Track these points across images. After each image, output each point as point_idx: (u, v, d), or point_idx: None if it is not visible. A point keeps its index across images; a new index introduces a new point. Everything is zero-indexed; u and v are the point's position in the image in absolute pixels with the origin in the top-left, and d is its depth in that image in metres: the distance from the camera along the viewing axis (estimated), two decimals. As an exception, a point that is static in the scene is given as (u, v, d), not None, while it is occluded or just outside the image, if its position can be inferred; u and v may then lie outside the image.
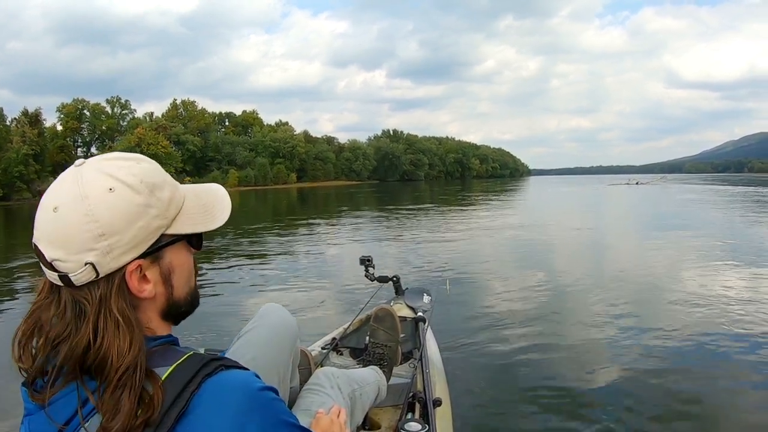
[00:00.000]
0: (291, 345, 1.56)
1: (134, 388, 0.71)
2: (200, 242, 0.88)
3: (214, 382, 0.73)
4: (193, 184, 0.92)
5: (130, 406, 0.70)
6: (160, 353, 0.78)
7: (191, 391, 0.71)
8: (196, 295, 0.89)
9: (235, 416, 0.71)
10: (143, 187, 0.77)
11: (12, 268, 9.67)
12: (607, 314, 5.27)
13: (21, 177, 55.56)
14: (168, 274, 0.82)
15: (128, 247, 0.76)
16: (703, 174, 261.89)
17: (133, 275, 0.77)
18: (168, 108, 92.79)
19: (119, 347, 0.72)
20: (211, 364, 0.75)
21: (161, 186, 0.80)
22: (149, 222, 0.77)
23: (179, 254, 0.84)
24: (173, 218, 0.81)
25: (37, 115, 63.26)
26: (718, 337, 4.52)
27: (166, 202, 0.80)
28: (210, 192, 0.91)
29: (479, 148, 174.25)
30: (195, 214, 0.85)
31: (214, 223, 0.86)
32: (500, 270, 8.11)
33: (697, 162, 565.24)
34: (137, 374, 0.72)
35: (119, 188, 0.75)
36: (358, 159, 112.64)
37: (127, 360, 0.72)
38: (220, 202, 0.90)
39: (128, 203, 0.76)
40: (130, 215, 0.75)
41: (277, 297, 6.47)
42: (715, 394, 3.49)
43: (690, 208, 21.50)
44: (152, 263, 0.80)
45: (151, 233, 0.78)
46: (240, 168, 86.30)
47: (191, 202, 0.86)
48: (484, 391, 3.43)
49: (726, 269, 7.66)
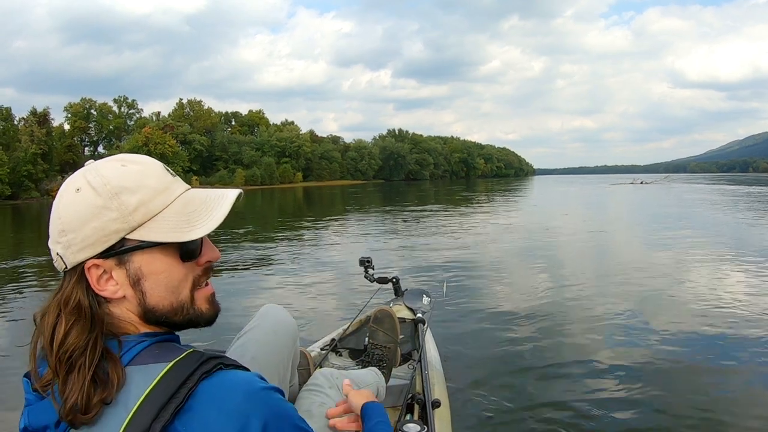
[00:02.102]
0: (290, 345, 1.57)
1: (83, 369, 0.73)
2: (189, 254, 0.84)
3: (213, 380, 0.74)
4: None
5: (80, 385, 0.72)
6: (161, 349, 0.79)
7: (189, 388, 0.72)
8: (190, 307, 0.86)
9: (236, 415, 0.72)
10: (105, 190, 0.78)
11: (20, 265, 9.76)
12: (610, 315, 5.24)
13: (29, 176, 55.89)
14: (136, 279, 0.81)
15: (83, 245, 0.78)
16: (707, 174, 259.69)
17: (91, 272, 0.79)
18: (174, 107, 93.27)
19: (66, 331, 0.76)
20: (210, 362, 0.76)
21: (133, 190, 0.80)
22: (105, 224, 0.78)
23: (153, 261, 0.81)
24: (140, 224, 0.80)
25: (46, 114, 63.61)
26: (724, 337, 4.52)
27: (130, 207, 0.79)
28: (208, 199, 0.87)
29: (484, 148, 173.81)
30: (168, 223, 0.81)
31: (187, 236, 0.81)
32: (501, 271, 8.08)
33: (702, 162, 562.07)
34: (86, 357, 0.74)
35: (84, 189, 0.79)
36: (363, 158, 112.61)
37: (68, 343, 0.75)
38: (211, 212, 0.84)
39: (86, 204, 0.78)
40: (85, 215, 0.78)
41: (277, 297, 6.48)
42: (722, 394, 3.48)
43: (694, 207, 21.34)
44: (117, 265, 0.80)
45: (107, 235, 0.78)
46: (246, 167, 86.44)
47: (176, 208, 0.83)
48: (483, 393, 3.42)
49: (733, 269, 7.62)
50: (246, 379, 0.77)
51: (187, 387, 0.72)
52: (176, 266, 0.83)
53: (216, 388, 0.73)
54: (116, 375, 0.73)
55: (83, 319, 0.77)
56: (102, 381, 0.73)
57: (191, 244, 0.84)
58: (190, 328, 0.88)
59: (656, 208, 22.78)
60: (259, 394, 0.75)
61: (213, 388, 0.73)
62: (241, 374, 0.77)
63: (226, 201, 0.86)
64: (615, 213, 21.26)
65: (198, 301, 0.87)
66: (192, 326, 0.88)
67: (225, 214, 0.84)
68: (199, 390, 0.73)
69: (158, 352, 0.78)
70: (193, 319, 0.87)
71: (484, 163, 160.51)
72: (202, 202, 0.86)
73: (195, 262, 0.86)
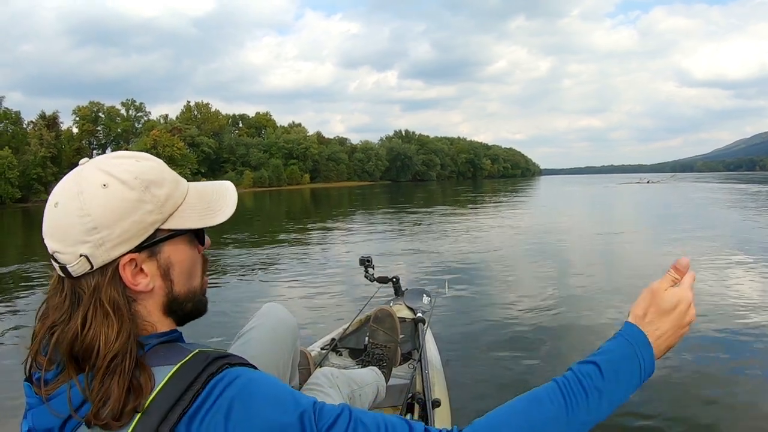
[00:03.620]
0: (291, 345, 1.57)
1: (123, 375, 0.72)
2: (203, 238, 0.89)
3: (220, 382, 0.73)
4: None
5: (119, 392, 0.71)
6: (165, 350, 0.79)
7: (196, 391, 0.72)
8: (200, 296, 0.90)
9: (242, 420, 0.71)
10: (137, 183, 0.79)
11: (31, 268, 9.85)
12: (614, 316, 5.21)
13: (39, 179, 56.36)
14: (167, 269, 0.83)
15: (119, 241, 0.77)
16: (714, 173, 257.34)
17: (126, 268, 0.78)
18: (182, 110, 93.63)
19: (107, 335, 0.74)
20: (216, 363, 0.76)
21: (159, 183, 0.82)
22: (143, 217, 0.79)
23: (179, 250, 0.84)
24: (170, 214, 0.82)
25: (55, 118, 64.25)
26: (732, 337, 4.51)
27: (162, 198, 0.81)
28: (215, 189, 0.91)
29: (490, 148, 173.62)
30: (195, 210, 0.85)
31: (214, 220, 0.86)
32: (504, 271, 8.06)
33: (709, 161, 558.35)
34: (126, 362, 0.73)
35: (113, 184, 0.78)
36: (370, 159, 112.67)
37: (115, 348, 0.74)
38: (224, 199, 0.90)
39: (120, 198, 0.77)
40: (122, 210, 0.77)
41: (278, 296, 6.51)
42: (731, 395, 3.47)
43: (701, 206, 21.21)
44: (149, 257, 0.81)
45: (145, 228, 0.79)
46: (254, 169, 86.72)
47: (193, 198, 0.87)
48: (483, 392, 3.44)
49: (741, 269, 7.57)
50: (251, 379, 0.76)
51: (194, 389, 0.72)
52: (194, 253, 0.88)
53: (223, 389, 0.73)
54: (148, 381, 0.73)
55: (122, 320, 0.76)
56: (135, 388, 0.72)
57: (203, 231, 0.88)
58: (192, 319, 0.90)
59: (666, 208, 22.63)
60: (264, 390, 0.75)
61: (219, 391, 0.72)
62: (246, 374, 0.76)
63: (231, 189, 0.92)
64: (625, 213, 21.12)
65: (203, 290, 0.91)
66: (194, 316, 0.90)
67: (236, 201, 0.90)
68: (205, 392, 0.72)
69: (163, 353, 0.78)
70: (197, 307, 0.89)
71: (491, 164, 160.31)
72: (212, 191, 0.90)
73: (200, 249, 0.90)
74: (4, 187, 52.46)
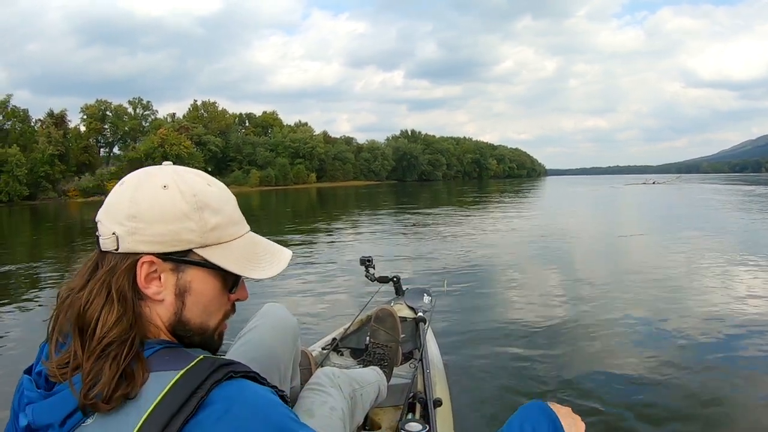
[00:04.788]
0: (292, 345, 1.58)
1: (117, 361, 0.73)
2: (235, 286, 0.89)
3: (223, 391, 0.73)
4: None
5: (110, 376, 0.71)
6: (170, 355, 0.79)
7: (200, 397, 0.71)
8: (212, 336, 0.89)
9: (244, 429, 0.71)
10: (193, 200, 0.81)
11: (38, 266, 9.92)
12: (618, 317, 5.20)
13: (47, 177, 56.68)
14: (183, 291, 0.83)
15: (150, 239, 0.79)
16: (720, 174, 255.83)
17: (143, 266, 0.79)
18: (189, 109, 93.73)
19: (105, 318, 0.75)
20: (221, 370, 0.75)
21: (214, 210, 0.83)
22: (181, 230, 0.80)
23: (205, 281, 0.84)
24: (210, 243, 0.83)
25: (63, 116, 64.58)
26: (741, 339, 4.49)
27: (209, 225, 0.82)
28: (271, 248, 0.92)
29: (496, 148, 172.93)
30: (238, 255, 0.85)
31: (253, 273, 0.86)
32: (507, 271, 8.03)
33: (714, 162, 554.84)
34: (124, 350, 0.74)
35: (172, 189, 0.81)
36: (376, 159, 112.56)
37: (112, 334, 0.74)
38: (273, 260, 0.90)
39: (171, 204, 0.80)
40: (166, 214, 0.79)
41: (278, 296, 6.52)
42: (740, 397, 3.45)
43: (706, 207, 21.08)
44: (171, 270, 0.81)
45: (179, 241, 0.80)
46: (261, 168, 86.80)
47: (244, 243, 0.87)
48: (484, 392, 3.44)
49: (749, 271, 7.53)
50: (257, 393, 0.76)
51: (198, 396, 0.71)
52: (220, 295, 0.87)
53: (227, 399, 0.72)
54: (141, 373, 0.73)
55: (128, 311, 0.77)
56: (128, 376, 0.72)
57: (238, 279, 0.89)
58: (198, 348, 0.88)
59: (669, 209, 22.52)
60: (265, 411, 0.74)
61: (223, 400, 0.72)
62: (250, 388, 0.76)
63: (285, 255, 0.93)
64: (630, 214, 21.02)
65: (218, 332, 0.90)
66: (200, 348, 0.88)
67: (284, 268, 0.90)
68: (209, 400, 0.72)
69: (168, 358, 0.78)
70: (205, 345, 0.88)
71: (497, 164, 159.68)
72: (267, 247, 0.91)
73: (231, 296, 0.89)
74: (12, 185, 52.75)
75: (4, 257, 12.00)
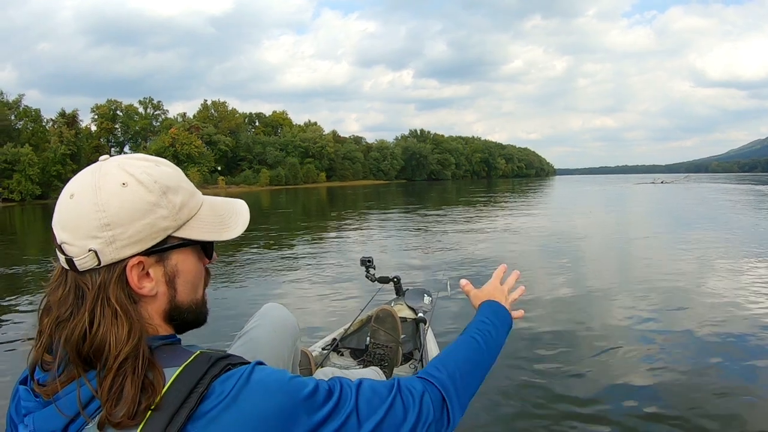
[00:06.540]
0: (291, 344, 1.59)
1: (136, 375, 0.72)
2: (211, 252, 0.90)
3: (227, 381, 0.74)
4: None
5: (134, 392, 0.70)
6: (167, 352, 0.78)
7: (200, 392, 0.72)
8: (202, 308, 0.90)
9: (247, 412, 0.72)
10: (156, 187, 0.80)
11: (49, 266, 10.01)
12: (621, 318, 5.19)
13: (58, 176, 56.99)
14: (172, 277, 0.83)
15: (131, 241, 0.77)
16: (730, 174, 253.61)
17: (133, 270, 0.78)
18: (199, 108, 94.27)
19: (117, 335, 0.74)
20: (219, 364, 0.76)
21: (175, 190, 0.82)
22: (156, 221, 0.79)
23: (187, 260, 0.85)
24: (184, 222, 0.83)
25: (74, 116, 65.09)
26: (744, 338, 4.47)
27: (177, 206, 0.82)
28: (229, 205, 0.93)
29: (505, 148, 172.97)
30: (208, 223, 0.86)
31: (226, 235, 0.87)
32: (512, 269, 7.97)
33: (724, 161, 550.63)
34: (139, 362, 0.73)
35: (132, 184, 0.78)
36: (385, 159, 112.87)
37: (127, 348, 0.73)
38: (236, 216, 0.91)
39: (138, 199, 0.78)
40: (138, 211, 0.77)
41: (279, 296, 6.53)
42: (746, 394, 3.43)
43: (713, 207, 20.89)
44: (157, 262, 0.81)
45: (157, 232, 0.79)
46: (271, 167, 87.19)
47: (207, 211, 0.88)
48: (484, 392, 3.40)
49: (757, 270, 7.46)
50: (254, 373, 0.76)
51: (199, 391, 0.72)
52: (200, 265, 0.88)
53: (231, 389, 0.73)
54: (160, 380, 0.73)
55: (132, 321, 0.76)
56: (147, 386, 0.72)
57: (211, 245, 0.89)
58: (190, 329, 0.89)
59: (676, 209, 22.36)
60: (278, 385, 0.76)
61: (227, 390, 0.73)
62: (248, 370, 0.76)
63: (244, 209, 0.94)
64: (639, 214, 20.90)
65: (204, 301, 0.91)
66: (193, 326, 0.89)
67: (248, 220, 0.92)
68: (210, 393, 0.72)
69: (167, 355, 0.78)
70: (198, 318, 0.89)
71: (505, 163, 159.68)
72: (226, 207, 0.92)
73: (205, 261, 0.90)
74: (24, 184, 53.23)
75: (17, 255, 12.16)
